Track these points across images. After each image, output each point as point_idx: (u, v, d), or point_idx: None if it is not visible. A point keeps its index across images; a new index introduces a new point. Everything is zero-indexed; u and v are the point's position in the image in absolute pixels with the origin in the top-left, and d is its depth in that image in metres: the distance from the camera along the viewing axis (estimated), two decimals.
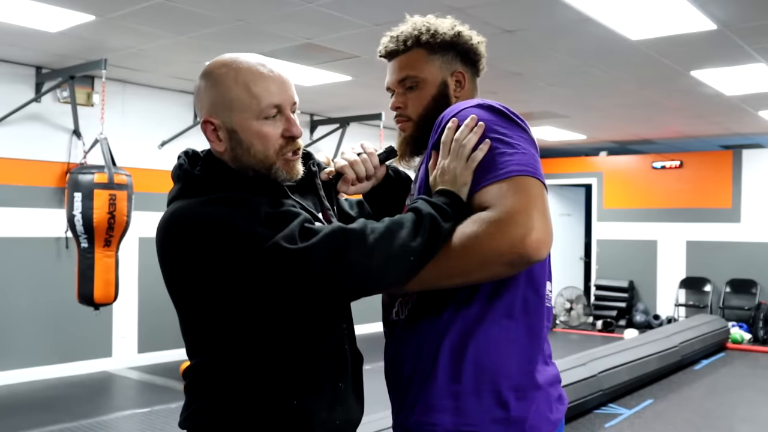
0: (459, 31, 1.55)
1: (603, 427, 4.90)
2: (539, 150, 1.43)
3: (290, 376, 1.35)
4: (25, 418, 4.86)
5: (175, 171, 1.41)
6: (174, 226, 1.32)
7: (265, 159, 1.36)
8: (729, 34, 4.60)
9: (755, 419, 5.35)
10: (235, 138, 1.35)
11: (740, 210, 9.28)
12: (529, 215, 1.22)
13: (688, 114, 7.73)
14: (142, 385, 6.09)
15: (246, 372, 1.34)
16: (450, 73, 1.53)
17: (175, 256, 1.33)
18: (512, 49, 5.09)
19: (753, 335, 8.70)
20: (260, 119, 1.34)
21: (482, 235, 1.24)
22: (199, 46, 5.14)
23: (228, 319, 1.32)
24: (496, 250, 1.23)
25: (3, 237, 5.80)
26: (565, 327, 9.78)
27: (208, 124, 1.36)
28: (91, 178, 4.82)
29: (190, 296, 1.35)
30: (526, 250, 1.21)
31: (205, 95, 1.37)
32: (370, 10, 4.23)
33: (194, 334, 1.40)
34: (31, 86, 5.92)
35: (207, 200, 1.31)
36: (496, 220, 1.23)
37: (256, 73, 1.35)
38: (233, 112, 1.34)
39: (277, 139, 1.36)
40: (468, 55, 1.55)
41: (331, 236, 1.23)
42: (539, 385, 1.38)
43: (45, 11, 4.39)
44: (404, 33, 1.54)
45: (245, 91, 1.33)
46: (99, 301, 4.89)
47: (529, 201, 1.24)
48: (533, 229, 1.21)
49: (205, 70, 1.39)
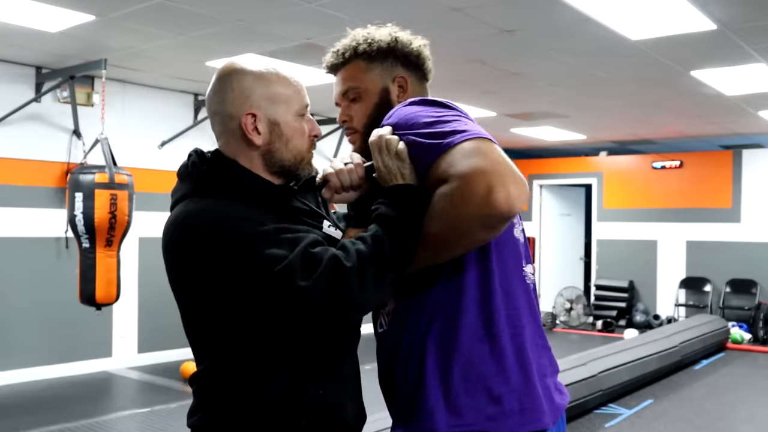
0: (396, 36, 1.55)
1: (603, 427, 4.91)
2: (539, 150, 1.42)
3: (314, 366, 1.38)
4: (25, 418, 4.86)
5: (185, 169, 1.41)
6: (185, 231, 1.32)
7: (298, 153, 1.43)
8: (729, 34, 4.60)
9: (755, 419, 5.35)
10: (276, 131, 1.40)
11: (740, 210, 9.28)
12: (485, 172, 1.18)
13: (688, 114, 7.74)
14: (142, 385, 6.09)
15: (265, 367, 1.35)
16: (391, 79, 1.54)
17: (183, 260, 1.34)
18: (512, 49, 5.09)
19: (753, 335, 8.71)
20: (298, 116, 1.43)
21: (448, 207, 1.22)
22: (199, 46, 5.14)
23: (240, 323, 1.33)
24: (465, 217, 1.20)
25: (3, 237, 5.81)
26: (565, 327, 9.78)
27: (250, 116, 1.39)
28: (92, 178, 4.81)
29: (200, 301, 1.36)
30: (494, 206, 1.16)
31: (249, 88, 1.39)
32: (370, 10, 4.23)
33: (202, 337, 1.40)
34: (31, 86, 5.92)
35: (219, 208, 1.32)
36: (455, 188, 1.21)
37: (285, 76, 1.43)
38: (277, 105, 1.40)
39: (308, 136, 1.45)
40: (408, 59, 1.55)
41: (332, 272, 1.23)
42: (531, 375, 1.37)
43: (45, 11, 4.39)
44: (343, 46, 1.56)
45: (288, 86, 1.42)
46: (101, 301, 4.88)
47: (481, 159, 1.20)
48: (495, 184, 1.16)
49: (234, 68, 1.41)
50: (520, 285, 1.40)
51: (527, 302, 1.41)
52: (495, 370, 1.33)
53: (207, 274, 1.29)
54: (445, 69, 5.81)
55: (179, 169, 1.43)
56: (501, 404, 1.32)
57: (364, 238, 1.28)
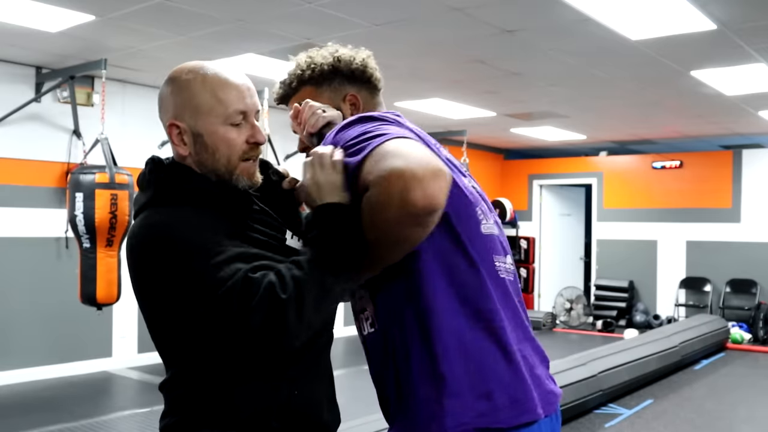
0: (338, 56, 1.55)
1: (603, 427, 4.90)
2: (539, 150, 1.42)
3: (286, 368, 1.37)
4: (25, 418, 4.86)
5: (143, 177, 1.42)
6: (145, 240, 1.33)
7: (228, 164, 1.38)
8: (729, 34, 4.60)
9: (755, 419, 5.35)
10: (200, 142, 1.37)
11: (740, 210, 9.28)
12: (398, 173, 1.17)
13: (688, 114, 7.74)
14: (142, 385, 6.08)
15: (235, 372, 1.34)
16: (342, 99, 1.55)
17: (142, 273, 1.34)
18: (512, 49, 5.09)
19: (753, 335, 8.71)
20: (226, 124, 1.37)
21: (374, 214, 1.22)
22: (199, 46, 5.15)
23: (202, 333, 1.32)
24: (391, 221, 1.20)
25: (3, 237, 5.81)
26: (565, 327, 9.78)
27: (174, 128, 1.38)
28: (93, 178, 4.82)
29: (161, 312, 1.36)
30: (413, 205, 1.16)
31: (171, 99, 1.39)
32: (370, 10, 4.23)
33: (167, 345, 1.40)
34: (31, 86, 5.92)
35: (174, 220, 1.31)
36: (374, 194, 1.21)
37: (223, 79, 1.38)
38: (200, 116, 1.36)
39: (241, 144, 1.38)
40: (355, 75, 1.56)
41: (269, 303, 1.21)
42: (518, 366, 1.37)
43: (45, 11, 4.39)
44: (288, 75, 1.58)
45: (212, 96, 1.36)
46: (102, 301, 4.89)
47: (393, 160, 1.19)
48: (410, 183, 1.15)
49: (170, 76, 1.40)
50: (492, 280, 1.38)
51: (503, 296, 1.39)
52: (481, 366, 1.33)
53: (164, 287, 1.30)
54: (445, 69, 5.82)
55: (138, 178, 1.44)
56: (491, 399, 1.32)
57: (299, 263, 1.25)
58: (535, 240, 10.81)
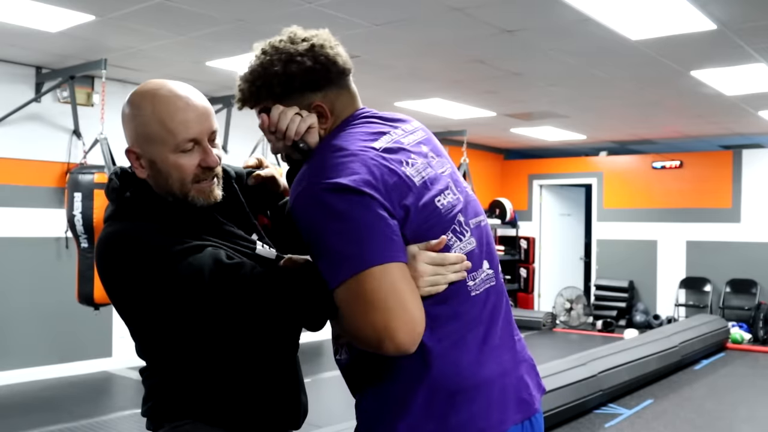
0: (291, 71, 1.37)
1: (603, 427, 4.90)
2: (539, 150, 1.41)
3: (256, 357, 1.48)
4: (25, 418, 4.86)
5: (108, 191, 1.49)
6: (108, 251, 1.41)
7: (182, 187, 1.43)
8: (729, 34, 4.60)
9: (755, 419, 5.35)
10: (155, 168, 1.43)
11: (740, 210, 9.28)
12: (371, 326, 1.21)
13: (688, 114, 7.74)
14: (142, 386, 6.08)
15: (206, 362, 1.45)
16: (307, 109, 1.40)
17: (110, 276, 1.43)
18: (512, 49, 5.09)
19: (753, 335, 8.70)
20: (177, 152, 1.41)
21: (346, 332, 1.30)
22: (199, 46, 5.14)
23: (171, 329, 1.43)
24: (361, 345, 1.29)
25: (3, 237, 5.80)
26: (565, 327, 9.77)
27: (131, 153, 1.45)
28: (92, 178, 4.82)
29: (130, 311, 1.46)
30: (385, 351, 1.23)
31: (128, 126, 1.45)
32: (370, 10, 4.23)
33: (142, 340, 1.51)
34: (31, 86, 5.92)
35: (132, 227, 1.41)
36: (352, 333, 1.27)
37: (173, 106, 1.40)
38: (151, 145, 1.41)
39: (193, 169, 1.43)
40: (318, 77, 1.39)
41: (231, 271, 1.32)
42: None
43: (45, 11, 4.39)
44: (242, 90, 1.43)
45: (161, 127, 1.40)
46: (99, 301, 4.88)
47: (369, 311, 1.21)
48: (383, 338, 1.20)
49: (129, 98, 1.45)
50: (461, 299, 1.35)
51: (475, 312, 1.37)
52: (445, 385, 1.32)
53: (130, 287, 1.39)
54: (445, 69, 5.82)
55: (105, 190, 1.51)
56: (446, 420, 1.32)
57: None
58: (535, 240, 10.81)
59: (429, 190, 1.33)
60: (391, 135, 1.39)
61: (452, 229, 1.35)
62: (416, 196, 1.31)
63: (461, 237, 1.37)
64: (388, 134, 1.39)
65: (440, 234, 1.33)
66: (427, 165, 1.37)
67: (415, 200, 1.30)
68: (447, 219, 1.35)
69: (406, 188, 1.30)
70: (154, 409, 1.50)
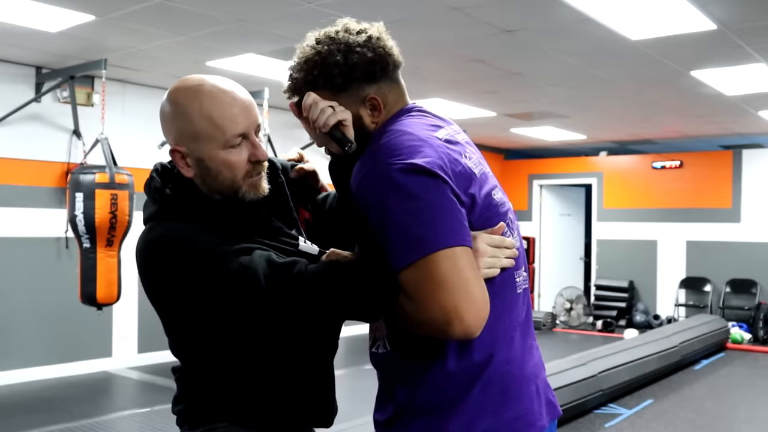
0: (353, 61, 1.37)
1: (603, 427, 4.90)
2: (539, 150, 1.42)
3: (292, 360, 1.46)
4: (25, 418, 4.86)
5: (149, 190, 1.45)
6: (153, 253, 1.38)
7: (232, 184, 1.40)
8: (729, 34, 4.60)
9: (755, 419, 5.35)
10: (203, 166, 1.39)
11: (740, 210, 9.28)
12: (441, 305, 1.19)
13: (688, 114, 7.74)
14: (142, 385, 6.09)
15: (243, 364, 1.43)
16: (360, 102, 1.39)
17: (154, 279, 1.39)
18: (512, 49, 5.09)
19: (753, 335, 8.70)
20: (226, 148, 1.38)
21: (406, 322, 1.27)
22: (199, 46, 5.15)
23: (214, 331, 1.41)
24: (423, 332, 1.26)
25: (3, 237, 5.80)
26: (565, 327, 9.78)
27: (176, 153, 1.41)
28: (93, 178, 4.82)
29: (174, 314, 1.44)
30: (451, 336, 1.22)
31: (172, 124, 1.40)
32: (370, 10, 4.23)
33: (181, 341, 1.49)
34: (31, 86, 5.92)
35: (175, 229, 1.37)
36: (414, 312, 1.23)
37: (220, 102, 1.37)
38: (199, 142, 1.38)
39: (243, 164, 1.40)
40: (376, 69, 1.39)
41: (287, 272, 1.29)
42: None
43: (45, 11, 4.39)
44: (295, 79, 1.41)
45: (209, 123, 1.36)
46: (102, 301, 4.89)
47: (438, 291, 1.19)
48: (452, 318, 1.19)
49: (170, 96, 1.41)
50: (511, 295, 1.38)
51: (519, 309, 1.40)
52: (499, 380, 1.34)
53: (176, 291, 1.35)
54: (445, 69, 5.82)
55: (145, 187, 1.47)
56: (500, 415, 1.34)
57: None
58: (535, 240, 10.81)
59: (486, 184, 1.37)
60: (446, 129, 1.40)
61: (507, 223, 1.40)
62: (478, 186, 1.33)
63: (511, 233, 1.41)
64: (443, 128, 1.40)
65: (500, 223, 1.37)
66: (479, 161, 1.41)
67: (478, 190, 1.32)
68: (501, 213, 1.39)
69: (469, 178, 1.32)
70: (189, 410, 1.47)
